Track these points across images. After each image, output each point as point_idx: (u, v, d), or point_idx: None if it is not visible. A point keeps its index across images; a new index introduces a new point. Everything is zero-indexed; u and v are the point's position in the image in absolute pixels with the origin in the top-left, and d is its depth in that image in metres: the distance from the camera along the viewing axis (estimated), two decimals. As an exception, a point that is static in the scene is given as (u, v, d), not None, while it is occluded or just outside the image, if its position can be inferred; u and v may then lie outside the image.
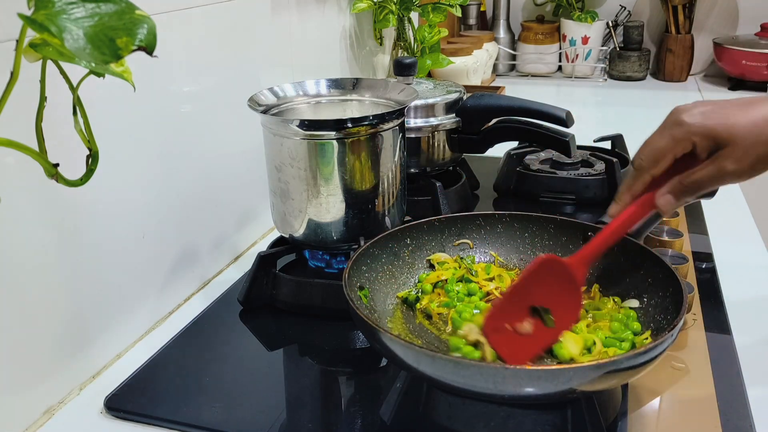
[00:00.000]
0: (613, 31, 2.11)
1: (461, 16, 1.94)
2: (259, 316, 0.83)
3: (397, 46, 1.57)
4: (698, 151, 0.63)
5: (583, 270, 0.67)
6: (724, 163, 0.61)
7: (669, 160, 0.65)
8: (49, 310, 0.67)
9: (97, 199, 0.71)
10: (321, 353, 0.77)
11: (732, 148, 0.61)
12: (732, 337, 0.76)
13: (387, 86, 0.89)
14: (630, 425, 0.63)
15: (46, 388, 0.67)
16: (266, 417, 0.65)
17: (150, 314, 0.82)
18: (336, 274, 0.87)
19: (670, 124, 0.64)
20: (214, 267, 0.96)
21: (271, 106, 0.84)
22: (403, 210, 0.89)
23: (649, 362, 0.56)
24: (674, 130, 0.63)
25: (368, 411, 0.66)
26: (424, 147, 1.07)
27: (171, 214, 0.84)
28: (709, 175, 0.63)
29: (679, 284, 0.65)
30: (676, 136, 0.63)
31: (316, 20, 1.22)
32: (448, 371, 0.55)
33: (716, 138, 0.61)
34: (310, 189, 0.80)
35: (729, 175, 0.62)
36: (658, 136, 0.65)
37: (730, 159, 0.61)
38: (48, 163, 0.48)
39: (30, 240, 0.64)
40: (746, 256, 0.98)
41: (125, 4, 0.44)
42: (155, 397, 0.68)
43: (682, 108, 0.64)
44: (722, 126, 0.61)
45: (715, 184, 0.64)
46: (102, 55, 0.42)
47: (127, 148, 0.76)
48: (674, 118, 0.64)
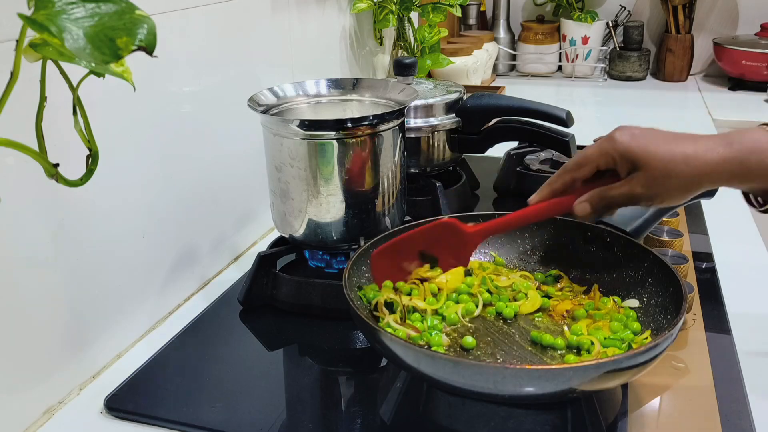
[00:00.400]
0: (613, 31, 2.11)
1: (461, 16, 1.94)
2: (259, 316, 0.83)
3: (397, 46, 1.57)
4: (618, 169, 0.66)
5: (478, 240, 0.75)
6: (635, 185, 0.65)
7: (591, 168, 0.68)
8: (48, 310, 0.67)
9: (97, 199, 0.71)
10: (321, 353, 0.77)
11: (643, 173, 0.64)
12: (732, 337, 0.76)
13: (387, 86, 0.89)
14: (630, 425, 0.63)
15: (45, 388, 0.67)
16: (266, 417, 0.65)
17: (150, 314, 0.82)
18: (336, 274, 0.87)
19: (605, 138, 0.67)
20: (214, 267, 0.96)
21: (271, 106, 0.84)
22: (403, 210, 0.89)
23: (649, 362, 0.56)
24: (604, 144, 0.66)
25: (368, 411, 0.66)
26: (424, 147, 1.07)
27: (171, 214, 0.84)
28: (622, 194, 0.66)
29: (679, 284, 0.65)
30: (603, 149, 0.66)
31: (316, 20, 1.23)
32: (448, 371, 0.55)
33: (633, 160, 0.64)
34: (310, 189, 0.80)
35: (639, 197, 0.65)
36: (592, 145, 0.68)
37: (640, 183, 0.64)
38: (48, 163, 0.48)
39: (30, 240, 0.64)
40: (746, 255, 0.98)
41: (125, 4, 0.44)
42: (155, 397, 0.68)
43: (623, 126, 0.67)
44: (642, 151, 0.64)
45: (629, 203, 0.66)
46: (102, 55, 0.42)
47: (127, 148, 0.76)
48: (611, 133, 0.67)
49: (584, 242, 0.78)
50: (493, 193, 1.20)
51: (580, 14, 2.07)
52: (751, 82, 1.94)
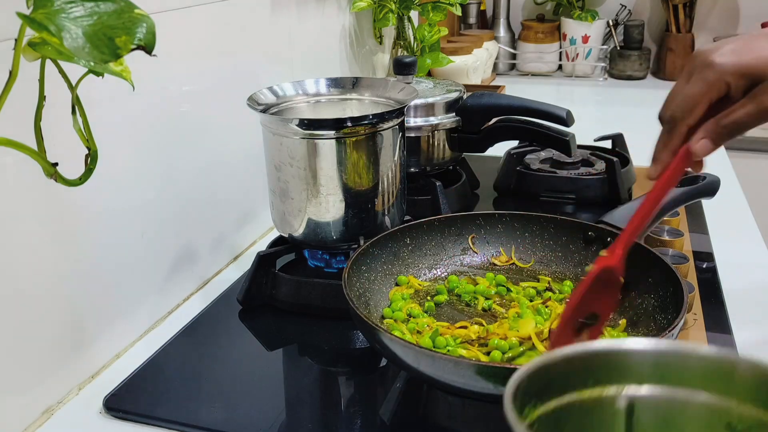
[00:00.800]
0: (613, 30, 2.11)
1: (461, 15, 1.94)
2: (259, 316, 0.83)
3: (397, 45, 1.57)
4: (732, 92, 0.59)
5: (624, 259, 0.61)
6: (765, 98, 0.57)
7: (704, 106, 0.60)
8: (47, 309, 0.67)
9: (96, 198, 0.71)
10: (321, 353, 0.77)
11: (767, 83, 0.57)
12: (732, 337, 0.76)
13: (387, 85, 0.89)
14: (630, 425, 0.63)
15: (44, 388, 0.67)
16: (266, 417, 0.65)
17: (149, 314, 0.82)
18: (336, 273, 0.87)
19: (699, 68, 0.60)
20: (214, 266, 0.95)
21: (270, 105, 0.84)
22: (402, 209, 0.88)
23: (649, 362, 0.56)
24: (705, 73, 0.59)
25: (368, 411, 0.66)
26: (424, 146, 1.07)
27: (170, 214, 0.84)
28: (750, 113, 0.58)
29: (680, 284, 0.64)
30: (709, 79, 0.59)
31: (315, 19, 1.22)
32: (448, 371, 0.55)
33: (753, 75, 0.58)
34: (309, 188, 0.80)
35: None
36: (687, 83, 0.61)
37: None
38: (47, 163, 0.48)
39: (28, 239, 0.64)
40: (747, 255, 0.97)
41: (124, 3, 0.44)
42: (154, 397, 0.68)
43: (708, 50, 0.60)
44: (757, 61, 0.57)
45: (757, 122, 0.59)
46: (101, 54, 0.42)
47: (126, 147, 0.76)
48: (702, 60, 0.60)
49: (584, 242, 0.78)
50: (494, 193, 1.20)
51: (581, 13, 2.07)
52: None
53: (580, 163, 1.18)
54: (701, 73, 0.59)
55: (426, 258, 0.80)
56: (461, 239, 0.82)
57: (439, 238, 0.81)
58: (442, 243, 0.82)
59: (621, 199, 1.09)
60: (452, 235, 0.82)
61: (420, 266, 0.80)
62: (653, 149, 0.63)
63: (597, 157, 1.19)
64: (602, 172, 1.14)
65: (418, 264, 0.80)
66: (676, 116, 0.61)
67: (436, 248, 0.81)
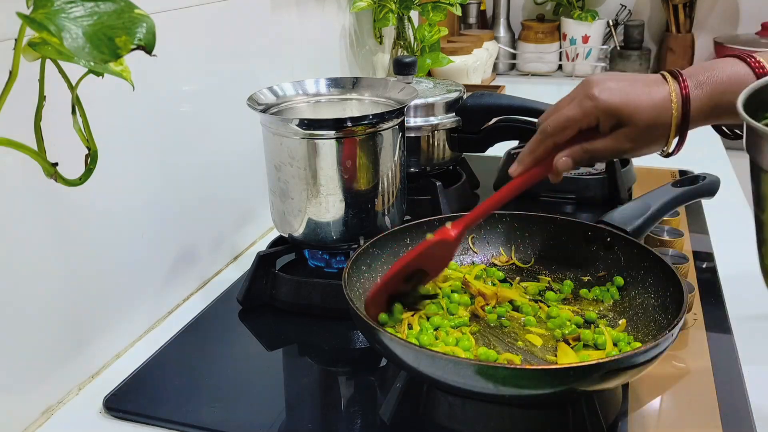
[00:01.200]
0: (613, 30, 2.11)
1: (461, 15, 1.94)
2: (259, 316, 0.83)
3: (397, 45, 1.57)
4: (601, 125, 0.66)
5: (461, 238, 0.71)
6: (621, 140, 0.66)
7: (574, 130, 0.67)
8: (47, 309, 0.67)
9: (96, 198, 0.71)
10: (321, 353, 0.77)
11: (629, 128, 0.65)
12: (732, 337, 0.76)
13: (387, 85, 0.89)
14: (630, 425, 0.63)
15: (44, 388, 0.67)
16: (266, 417, 0.65)
17: (149, 314, 0.82)
18: (336, 273, 0.87)
19: (581, 96, 0.67)
20: (214, 266, 0.95)
21: (270, 105, 0.84)
22: (403, 209, 0.88)
23: (649, 362, 0.56)
24: (584, 103, 0.66)
25: (368, 411, 0.66)
26: (424, 146, 1.07)
27: (170, 214, 0.84)
28: (608, 148, 0.66)
29: (680, 284, 0.64)
30: (586, 110, 0.66)
31: (315, 19, 1.22)
32: (448, 371, 0.55)
33: (619, 117, 0.65)
34: (309, 188, 0.80)
35: (624, 151, 0.67)
36: (568, 105, 0.67)
37: (627, 138, 0.65)
38: (47, 163, 0.48)
39: (28, 239, 0.64)
40: (747, 255, 0.97)
41: (124, 3, 0.44)
42: (154, 397, 0.68)
43: (594, 81, 0.67)
44: (626, 107, 0.65)
45: (612, 156, 0.68)
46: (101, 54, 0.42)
47: (126, 147, 0.76)
48: (585, 91, 0.66)
49: (584, 242, 0.78)
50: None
51: (581, 13, 2.07)
52: (752, 81, 1.93)
53: (580, 163, 1.18)
54: (581, 102, 0.67)
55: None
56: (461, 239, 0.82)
57: (439, 238, 0.81)
58: (442, 243, 0.81)
59: (621, 199, 1.09)
60: (452, 235, 0.82)
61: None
62: (521, 151, 0.71)
63: (597, 157, 1.19)
64: (602, 172, 1.14)
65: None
66: (547, 131, 0.68)
67: (436, 248, 0.81)
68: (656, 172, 1.21)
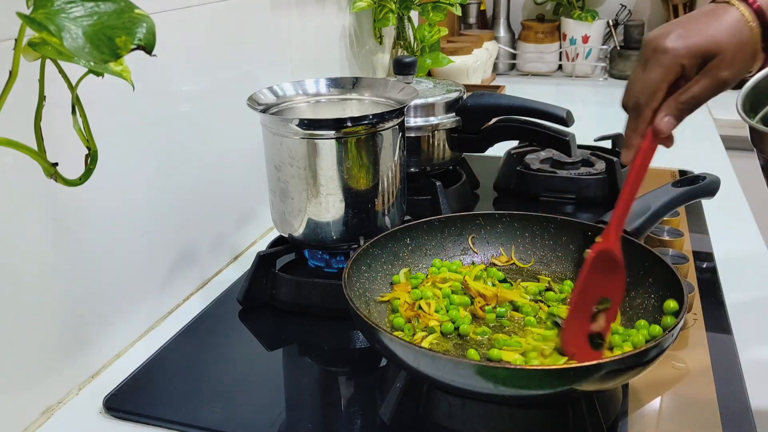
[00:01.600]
0: (613, 30, 2.10)
1: (461, 15, 1.94)
2: (259, 316, 0.83)
3: (397, 45, 1.57)
4: (687, 71, 0.64)
5: (620, 241, 0.65)
6: (718, 72, 0.63)
7: (664, 89, 0.64)
8: (47, 309, 0.67)
9: (96, 198, 0.71)
10: (321, 353, 0.77)
11: (722, 56, 0.62)
12: (732, 337, 0.76)
13: (387, 85, 0.89)
14: (630, 425, 0.63)
15: (44, 388, 0.67)
16: (266, 417, 0.65)
17: (149, 314, 0.82)
18: (336, 273, 0.87)
19: (653, 55, 0.64)
20: (214, 266, 0.95)
21: (270, 105, 0.84)
22: (402, 209, 0.88)
23: (649, 362, 0.56)
24: (662, 60, 0.64)
25: (368, 411, 0.66)
26: (424, 146, 1.07)
27: (170, 214, 0.84)
28: (706, 87, 0.63)
29: (680, 284, 0.64)
30: (666, 64, 0.63)
31: (315, 19, 1.22)
32: (448, 371, 0.55)
33: (705, 54, 0.63)
34: (309, 188, 0.80)
35: (725, 82, 0.63)
36: (645, 70, 0.65)
37: (722, 67, 0.62)
38: (47, 163, 0.48)
39: (28, 239, 0.64)
40: (747, 255, 0.97)
41: (124, 3, 0.44)
42: (154, 397, 0.68)
43: (657, 36, 0.65)
44: (706, 41, 0.63)
45: (712, 94, 0.64)
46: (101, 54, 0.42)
47: (126, 147, 0.76)
48: (655, 46, 0.64)
49: (585, 242, 0.78)
50: (494, 193, 1.20)
51: (581, 13, 2.07)
52: (752, 81, 1.93)
53: (580, 163, 1.18)
54: (656, 59, 0.64)
55: (426, 258, 0.80)
56: (461, 239, 0.82)
57: (439, 238, 0.81)
58: (442, 243, 0.81)
59: (621, 199, 1.09)
60: (452, 235, 0.82)
61: (420, 266, 0.80)
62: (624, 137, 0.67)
63: (597, 157, 1.19)
64: (602, 172, 1.14)
65: (418, 264, 0.79)
66: (640, 102, 0.65)
67: (436, 248, 0.81)
68: (656, 172, 1.21)
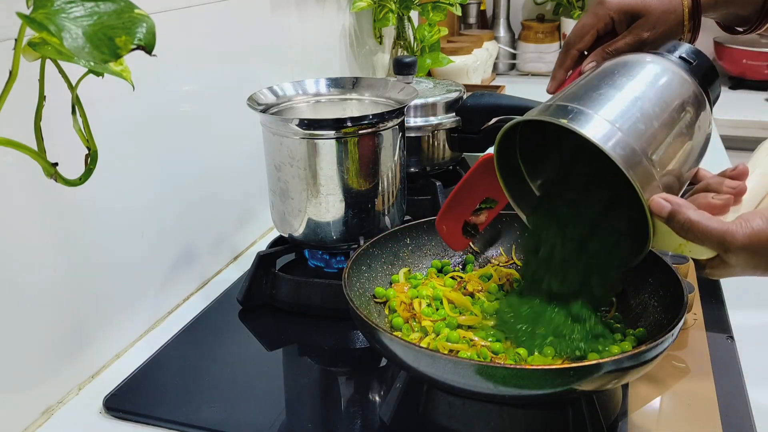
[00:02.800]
0: (613, 30, 2.10)
1: (461, 15, 1.94)
2: (259, 316, 0.83)
3: (397, 45, 1.57)
4: (617, 26, 0.73)
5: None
6: (641, 32, 0.71)
7: (593, 35, 0.74)
8: (47, 309, 0.67)
9: (96, 198, 0.71)
10: (321, 353, 0.77)
11: (646, 18, 0.71)
12: (732, 337, 0.76)
13: (387, 85, 0.89)
14: (630, 425, 0.63)
15: (44, 388, 0.67)
16: (266, 417, 0.65)
17: (149, 314, 0.82)
18: (336, 273, 0.87)
19: (594, 5, 0.74)
20: (214, 266, 0.95)
21: (270, 105, 0.84)
22: (402, 209, 0.88)
23: (649, 362, 0.56)
24: (597, 10, 0.74)
25: (368, 411, 0.66)
26: (424, 146, 1.07)
27: (170, 214, 0.84)
28: (628, 43, 0.72)
29: (680, 283, 0.64)
30: (598, 14, 0.73)
31: (315, 19, 1.22)
32: (448, 371, 0.55)
33: (632, 11, 0.72)
34: (309, 188, 0.80)
35: (644, 42, 0.72)
36: (583, 16, 0.75)
37: (645, 28, 0.71)
38: (47, 163, 0.48)
39: (28, 239, 0.64)
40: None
41: (124, 3, 0.44)
42: (154, 397, 0.68)
43: None
44: (636, 1, 0.72)
45: (633, 50, 0.71)
46: (101, 54, 0.42)
47: (126, 147, 0.76)
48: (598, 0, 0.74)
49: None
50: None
51: (581, 13, 2.07)
52: (752, 81, 1.94)
53: (580, 163, 1.17)
54: (594, 9, 0.74)
55: (426, 258, 0.80)
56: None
57: (439, 238, 0.81)
58: (442, 243, 0.81)
59: (621, 199, 1.09)
60: (452, 235, 0.82)
61: (420, 266, 0.80)
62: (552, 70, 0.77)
63: (597, 157, 1.19)
64: (602, 172, 1.14)
65: (418, 264, 0.79)
66: (570, 41, 0.75)
67: (436, 248, 0.81)
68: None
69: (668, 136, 0.57)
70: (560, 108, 0.58)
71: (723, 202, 0.56)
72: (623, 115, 0.56)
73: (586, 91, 0.59)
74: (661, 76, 0.60)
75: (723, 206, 0.56)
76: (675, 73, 0.60)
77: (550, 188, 0.68)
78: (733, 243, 0.52)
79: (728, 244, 0.53)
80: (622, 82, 0.59)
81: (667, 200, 0.54)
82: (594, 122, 0.55)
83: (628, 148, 0.54)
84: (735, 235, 0.52)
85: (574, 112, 0.56)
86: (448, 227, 0.73)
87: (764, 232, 0.52)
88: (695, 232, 0.53)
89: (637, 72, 0.61)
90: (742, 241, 0.52)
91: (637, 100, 0.58)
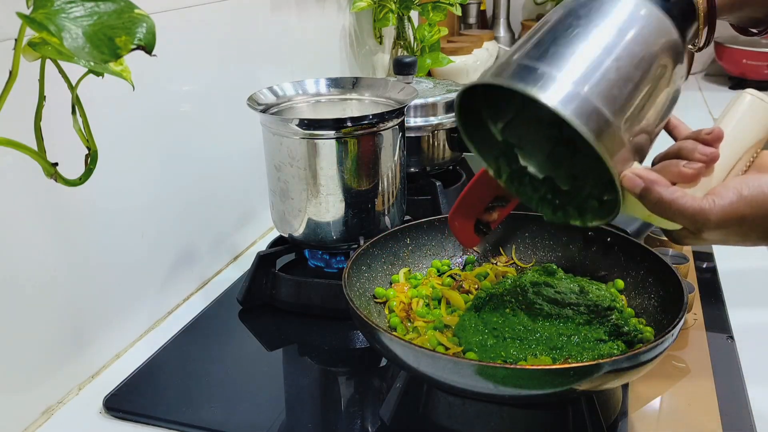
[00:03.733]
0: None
1: (461, 15, 1.94)
2: (259, 316, 0.83)
3: (397, 45, 1.57)
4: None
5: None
6: None
7: None
8: (47, 309, 0.67)
9: (96, 198, 0.71)
10: (321, 353, 0.77)
11: None
12: (732, 337, 0.76)
13: (387, 85, 0.89)
14: (630, 425, 0.63)
15: (44, 388, 0.67)
16: (266, 417, 0.65)
17: (149, 314, 0.82)
18: (336, 273, 0.87)
19: None
20: (214, 266, 0.95)
21: (270, 105, 0.84)
22: (402, 209, 0.88)
23: (649, 362, 0.56)
24: None
25: (368, 411, 0.66)
26: (424, 146, 1.07)
27: (170, 213, 0.84)
28: None
29: (680, 284, 0.64)
30: None
31: (315, 19, 1.22)
32: (448, 371, 0.55)
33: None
34: (309, 188, 0.80)
35: None
36: None
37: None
38: (47, 163, 0.48)
39: (28, 239, 0.64)
40: (747, 255, 0.97)
41: (124, 3, 0.44)
42: (154, 397, 0.68)
43: None
44: None
45: None
46: (101, 54, 0.42)
47: (126, 147, 0.76)
48: None
49: (585, 242, 0.78)
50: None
51: (580, 13, 2.07)
52: (752, 81, 1.94)
53: (580, 163, 1.17)
54: None
55: (426, 258, 0.80)
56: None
57: (439, 238, 0.81)
58: (442, 243, 0.81)
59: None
60: (452, 235, 0.82)
61: (420, 266, 0.80)
62: None
63: (597, 157, 1.19)
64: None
65: (418, 264, 0.79)
66: None
67: (436, 248, 0.81)
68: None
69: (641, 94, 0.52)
70: (521, 69, 0.51)
71: (695, 171, 0.54)
72: (590, 74, 0.50)
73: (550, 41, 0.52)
74: (635, 19, 0.53)
75: (694, 175, 0.55)
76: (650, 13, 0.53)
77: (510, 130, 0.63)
78: (706, 223, 0.52)
79: (701, 224, 0.53)
80: (590, 29, 0.52)
81: (640, 176, 0.52)
82: (556, 86, 0.49)
83: (594, 114, 0.49)
84: (708, 214, 0.52)
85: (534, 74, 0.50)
86: (460, 224, 0.72)
87: (737, 210, 0.52)
88: (668, 211, 0.53)
89: (607, 13, 0.53)
90: (716, 221, 0.52)
91: (606, 55, 0.51)
